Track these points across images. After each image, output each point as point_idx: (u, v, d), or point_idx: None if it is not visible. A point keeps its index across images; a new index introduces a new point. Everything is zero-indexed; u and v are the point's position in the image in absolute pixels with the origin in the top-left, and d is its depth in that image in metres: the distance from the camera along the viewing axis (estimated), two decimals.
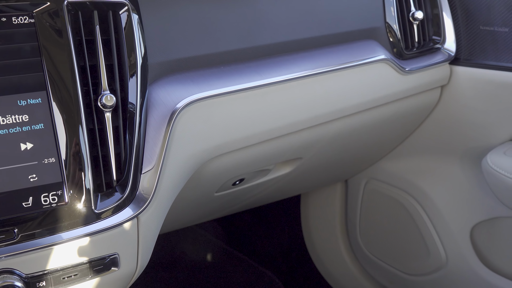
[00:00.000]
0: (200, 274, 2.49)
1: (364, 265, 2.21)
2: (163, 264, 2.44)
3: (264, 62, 1.28)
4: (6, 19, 0.95)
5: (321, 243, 2.33)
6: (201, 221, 1.96)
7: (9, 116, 0.94)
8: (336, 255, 2.29)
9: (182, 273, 2.49)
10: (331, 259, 2.32)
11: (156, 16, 1.13)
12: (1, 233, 0.93)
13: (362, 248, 2.16)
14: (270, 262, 2.50)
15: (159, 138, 1.06)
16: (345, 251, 2.26)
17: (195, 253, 2.59)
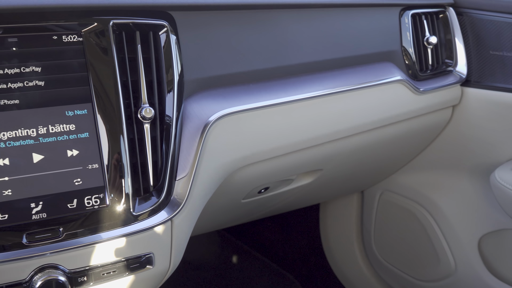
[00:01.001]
0: (225, 275, 2.49)
1: (378, 270, 2.19)
2: (192, 264, 2.44)
3: (289, 81, 1.27)
4: (57, 37, 0.96)
5: (338, 249, 2.31)
6: (228, 225, 1.95)
7: (57, 125, 0.95)
8: (351, 260, 2.26)
9: (209, 273, 2.48)
10: (347, 264, 2.30)
11: (192, 37, 1.13)
12: (47, 232, 0.93)
13: (376, 254, 2.14)
14: (290, 265, 2.48)
15: (192, 148, 1.06)
16: (360, 257, 2.23)
17: (221, 255, 2.58)
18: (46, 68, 0.95)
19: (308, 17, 1.32)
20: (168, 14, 1.08)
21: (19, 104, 0.92)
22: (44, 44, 0.95)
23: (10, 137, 0.91)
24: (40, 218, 0.93)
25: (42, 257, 0.94)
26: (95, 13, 1.00)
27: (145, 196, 1.02)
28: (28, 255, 0.92)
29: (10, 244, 0.91)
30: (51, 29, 0.96)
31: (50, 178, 0.93)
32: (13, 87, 0.92)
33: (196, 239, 2.15)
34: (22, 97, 0.93)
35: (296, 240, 2.50)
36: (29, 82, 0.93)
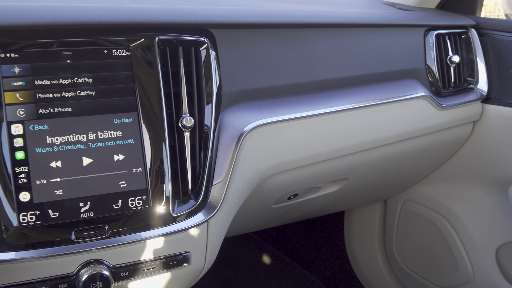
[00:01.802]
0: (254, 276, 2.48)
1: (399, 275, 2.16)
2: (224, 264, 2.44)
3: (319, 95, 1.27)
4: (107, 51, 0.98)
5: (361, 254, 2.29)
6: (258, 228, 1.95)
7: (106, 131, 0.96)
8: (373, 265, 2.24)
9: (239, 274, 2.48)
10: (369, 269, 2.27)
11: (230, 53, 1.14)
12: (94, 229, 0.95)
13: (397, 260, 2.11)
14: (315, 268, 2.47)
15: (228, 156, 1.07)
16: (382, 262, 2.21)
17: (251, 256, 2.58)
18: (97, 79, 0.97)
19: (337, 35, 1.32)
20: (208, 32, 1.10)
21: (71, 112, 0.94)
22: (96, 57, 0.97)
23: (62, 141, 0.93)
24: (87, 216, 0.94)
25: (88, 252, 0.96)
26: (142, 30, 1.02)
27: (183, 199, 1.03)
28: (76, 250, 0.94)
29: (60, 240, 0.93)
30: (102, 44, 0.98)
31: (98, 180, 0.95)
32: (67, 96, 0.94)
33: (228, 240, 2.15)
34: (75, 105, 0.95)
35: (322, 244, 2.49)
36: (81, 92, 0.95)
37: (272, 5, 1.32)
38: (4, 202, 0.89)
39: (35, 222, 0.91)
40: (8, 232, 0.90)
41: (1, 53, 0.91)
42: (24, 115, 0.92)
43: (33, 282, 0.93)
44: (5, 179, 0.89)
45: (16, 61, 0.92)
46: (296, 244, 2.56)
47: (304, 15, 1.26)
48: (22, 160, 0.91)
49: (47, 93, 0.93)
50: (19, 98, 0.92)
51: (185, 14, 1.08)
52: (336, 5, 1.52)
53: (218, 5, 1.19)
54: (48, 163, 0.92)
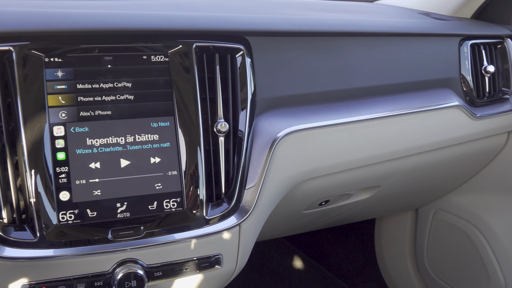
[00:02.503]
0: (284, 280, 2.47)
1: (429, 285, 2.12)
2: (255, 267, 2.45)
3: (353, 103, 1.27)
4: (146, 57, 1.00)
5: (391, 262, 2.26)
6: (289, 233, 1.95)
7: (143, 134, 0.98)
8: (404, 273, 2.21)
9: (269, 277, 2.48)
10: (400, 277, 2.24)
11: (265, 60, 1.14)
12: (130, 229, 0.96)
13: (428, 270, 2.08)
14: (345, 275, 2.45)
15: (261, 161, 1.07)
16: (412, 271, 2.18)
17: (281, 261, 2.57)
18: (136, 84, 0.98)
19: (372, 44, 1.31)
20: (244, 39, 1.10)
21: (111, 115, 0.96)
22: (135, 62, 0.99)
23: (102, 143, 0.95)
24: (124, 217, 0.96)
25: (124, 252, 0.97)
26: (180, 37, 1.03)
27: (217, 202, 1.04)
28: (112, 249, 0.95)
29: (97, 239, 0.95)
30: (141, 50, 1.00)
31: (135, 182, 0.97)
32: (107, 99, 0.96)
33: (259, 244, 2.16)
34: (114, 109, 0.97)
35: (352, 251, 2.47)
36: (121, 96, 0.97)
37: (307, 14, 1.32)
38: (45, 201, 0.92)
39: (74, 221, 0.93)
40: (48, 230, 0.92)
41: (45, 58, 0.94)
42: (66, 117, 0.94)
43: (70, 279, 0.95)
44: (46, 179, 0.92)
45: (59, 65, 0.95)
46: (326, 250, 2.54)
47: (339, 24, 1.26)
48: (63, 161, 0.93)
49: (88, 96, 0.95)
50: (61, 101, 0.94)
51: (222, 22, 1.09)
52: (372, 14, 1.51)
53: (254, 13, 1.20)
54: (88, 164, 0.94)
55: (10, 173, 0.92)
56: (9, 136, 0.93)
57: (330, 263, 2.50)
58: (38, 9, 1.01)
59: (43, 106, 0.92)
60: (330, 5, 1.60)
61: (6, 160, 0.92)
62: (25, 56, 0.93)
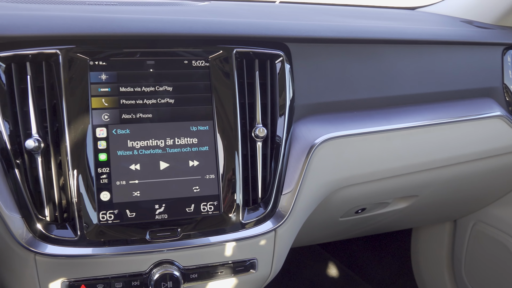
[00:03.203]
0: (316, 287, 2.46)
1: None
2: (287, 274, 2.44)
3: (391, 110, 1.26)
4: (187, 61, 1.02)
5: (427, 273, 2.22)
6: (324, 241, 1.94)
7: (183, 138, 0.99)
8: (441, 285, 2.17)
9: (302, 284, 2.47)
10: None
11: (304, 66, 1.15)
12: (167, 231, 0.98)
13: (465, 282, 2.03)
14: (380, 285, 2.41)
15: (298, 167, 1.07)
16: (449, 283, 2.13)
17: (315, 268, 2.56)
18: (177, 88, 1.00)
19: (412, 52, 1.30)
20: (284, 45, 1.11)
21: (151, 118, 0.98)
22: (176, 67, 1.01)
23: (142, 145, 0.97)
24: (162, 218, 0.97)
25: (161, 253, 0.99)
26: (221, 42, 1.05)
27: (253, 207, 1.05)
28: (149, 250, 0.97)
29: (135, 239, 0.96)
30: (182, 55, 1.02)
31: (173, 184, 0.98)
32: (148, 103, 0.98)
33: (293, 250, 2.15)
34: (155, 112, 0.98)
35: (387, 261, 2.43)
36: (162, 100, 0.99)
37: (347, 21, 1.32)
38: (86, 201, 0.94)
39: (113, 221, 0.95)
40: (88, 229, 0.94)
41: (90, 61, 0.97)
42: (108, 120, 0.96)
43: (109, 277, 0.97)
44: (88, 179, 0.94)
45: (103, 68, 0.97)
46: (361, 259, 2.51)
47: (380, 31, 1.25)
48: (104, 162, 0.95)
49: (131, 99, 0.98)
50: (104, 103, 0.96)
51: (263, 28, 1.09)
52: (413, 22, 1.50)
53: (294, 20, 1.20)
54: (128, 166, 0.96)
55: (54, 173, 0.95)
56: (53, 137, 0.95)
57: (364, 271, 2.47)
58: (84, 13, 1.03)
59: (87, 108, 0.95)
60: (370, 12, 1.59)
61: (50, 159, 0.95)
62: (71, 59, 0.95)
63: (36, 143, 0.92)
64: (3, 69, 0.94)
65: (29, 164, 0.94)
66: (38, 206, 0.95)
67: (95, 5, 1.18)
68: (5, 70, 0.94)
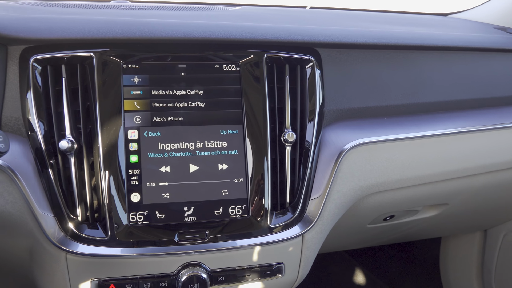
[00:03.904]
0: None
1: None
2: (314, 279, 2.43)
3: (423, 117, 1.25)
4: (218, 66, 1.03)
5: (456, 283, 2.19)
6: (351, 247, 1.93)
7: (212, 141, 1.00)
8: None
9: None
10: None
11: (335, 72, 1.15)
12: (196, 233, 0.98)
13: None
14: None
15: (327, 172, 1.07)
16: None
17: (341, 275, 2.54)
18: (207, 92, 1.01)
19: (445, 58, 1.29)
20: (314, 50, 1.11)
21: (182, 121, 0.99)
22: (208, 71, 1.02)
23: (172, 148, 0.98)
24: (190, 220, 0.98)
25: (189, 255, 1.00)
26: (252, 47, 1.05)
27: (281, 211, 1.05)
28: (178, 251, 0.98)
29: (164, 240, 0.97)
30: (213, 59, 1.03)
31: (202, 187, 0.99)
32: (179, 106, 1.00)
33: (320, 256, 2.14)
34: (186, 115, 1.00)
35: (415, 269, 2.40)
36: (192, 103, 1.00)
37: (379, 26, 1.31)
38: (117, 202, 0.95)
39: (143, 222, 0.96)
40: (118, 229, 0.96)
41: (123, 64, 0.98)
42: (140, 122, 0.98)
43: (137, 277, 0.99)
44: (119, 180, 0.96)
45: (136, 71, 0.99)
46: (388, 266, 2.49)
47: (412, 37, 1.24)
48: (135, 163, 0.96)
49: (162, 102, 0.99)
50: (136, 106, 0.98)
51: (294, 33, 1.10)
52: (446, 28, 1.48)
53: (325, 25, 1.21)
54: (158, 168, 0.97)
55: (86, 173, 0.97)
56: (86, 138, 0.97)
57: (392, 279, 2.45)
58: (117, 17, 1.05)
59: (119, 110, 0.97)
60: (402, 18, 1.58)
61: (83, 160, 0.97)
62: (105, 62, 0.97)
63: (69, 144, 0.94)
64: (39, 71, 0.96)
65: (62, 164, 0.96)
66: (70, 205, 0.97)
67: (128, 10, 1.20)
68: (41, 72, 0.96)
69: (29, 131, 0.96)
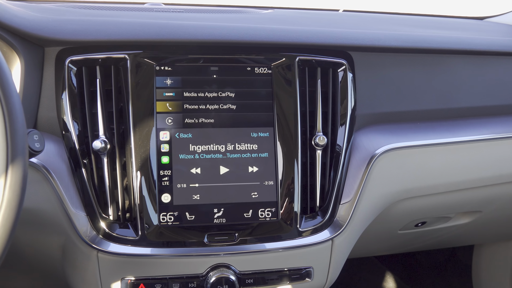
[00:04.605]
0: None
1: None
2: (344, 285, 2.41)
3: (457, 123, 1.23)
4: (250, 68, 1.03)
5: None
6: (382, 253, 1.91)
7: (243, 144, 1.01)
8: None
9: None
10: None
11: (367, 75, 1.14)
12: (225, 235, 0.99)
13: None
14: None
15: (358, 176, 1.06)
16: None
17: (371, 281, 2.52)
18: (239, 94, 1.02)
19: (481, 63, 1.26)
20: (347, 54, 1.11)
21: (213, 123, 1.00)
22: (239, 73, 1.02)
23: (203, 150, 0.99)
24: (220, 222, 0.99)
25: (218, 256, 1.00)
26: (284, 50, 1.05)
27: (311, 215, 1.04)
28: (207, 253, 0.99)
29: (193, 241, 0.98)
30: (245, 61, 1.03)
31: (232, 189, 0.99)
32: (211, 108, 1.00)
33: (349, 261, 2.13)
34: (217, 117, 1.00)
35: (447, 278, 2.36)
36: (224, 105, 1.01)
37: (413, 30, 1.30)
38: (148, 202, 0.97)
39: (173, 222, 0.97)
40: (149, 229, 0.97)
41: (156, 66, 1.00)
42: (172, 123, 0.99)
43: (166, 278, 1.00)
44: (151, 181, 0.97)
45: (169, 73, 1.00)
46: (419, 273, 2.46)
47: (447, 41, 1.23)
48: (166, 164, 0.98)
49: (194, 104, 1.00)
50: (168, 107, 0.99)
51: (326, 36, 1.09)
52: (481, 32, 1.45)
53: (357, 28, 1.20)
54: (189, 169, 0.98)
55: (118, 173, 0.98)
56: (119, 138, 0.99)
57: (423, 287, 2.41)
58: (151, 20, 1.07)
59: (152, 111, 0.98)
60: (437, 22, 1.56)
61: (115, 160, 0.98)
62: (138, 64, 0.99)
63: (102, 144, 0.96)
64: (74, 72, 0.98)
65: (95, 164, 0.98)
66: (102, 205, 0.98)
67: (162, 12, 1.22)
68: (76, 73, 0.98)
69: (64, 131, 0.98)
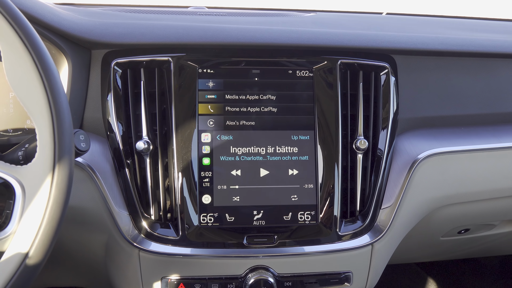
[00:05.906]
0: None
1: None
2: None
3: (502, 128, 1.20)
4: (291, 71, 1.03)
5: None
6: (423, 260, 1.87)
7: (283, 146, 1.01)
8: None
9: None
10: None
11: (410, 79, 1.12)
12: (264, 237, 0.99)
13: None
14: None
15: (399, 181, 1.05)
16: None
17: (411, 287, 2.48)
18: (280, 97, 1.02)
19: None
20: (390, 57, 1.10)
21: (254, 126, 1.01)
22: (281, 76, 1.03)
23: (244, 152, 1.00)
24: (259, 224, 0.99)
25: (256, 258, 1.01)
26: (325, 53, 1.05)
27: (351, 219, 1.04)
28: (246, 254, 0.99)
29: (233, 243, 0.99)
30: (287, 65, 1.04)
31: (272, 192, 1.00)
32: (252, 111, 1.01)
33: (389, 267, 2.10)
34: (258, 120, 1.01)
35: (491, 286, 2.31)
36: (265, 108, 1.01)
37: (457, 33, 1.28)
38: (189, 203, 0.98)
39: (213, 223, 0.98)
40: (189, 230, 0.98)
41: (199, 68, 1.01)
42: (213, 125, 1.00)
43: (206, 278, 1.01)
44: (192, 182, 0.98)
45: (211, 76, 1.01)
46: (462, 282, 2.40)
47: (493, 45, 1.20)
48: (207, 166, 0.99)
49: (235, 107, 1.01)
50: (210, 109, 1.00)
51: (369, 40, 1.09)
52: None
53: (400, 31, 1.19)
54: (230, 171, 0.99)
55: (160, 174, 1.00)
56: (162, 140, 1.01)
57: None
58: (194, 23, 1.08)
59: (194, 113, 0.99)
60: (483, 25, 1.53)
61: (158, 161, 1.00)
62: (181, 66, 1.01)
63: (145, 145, 0.98)
64: (119, 74, 1.01)
65: (138, 164, 1.00)
66: (144, 205, 1.00)
67: (205, 16, 1.23)
68: (121, 76, 1.01)
69: (108, 132, 1.00)
